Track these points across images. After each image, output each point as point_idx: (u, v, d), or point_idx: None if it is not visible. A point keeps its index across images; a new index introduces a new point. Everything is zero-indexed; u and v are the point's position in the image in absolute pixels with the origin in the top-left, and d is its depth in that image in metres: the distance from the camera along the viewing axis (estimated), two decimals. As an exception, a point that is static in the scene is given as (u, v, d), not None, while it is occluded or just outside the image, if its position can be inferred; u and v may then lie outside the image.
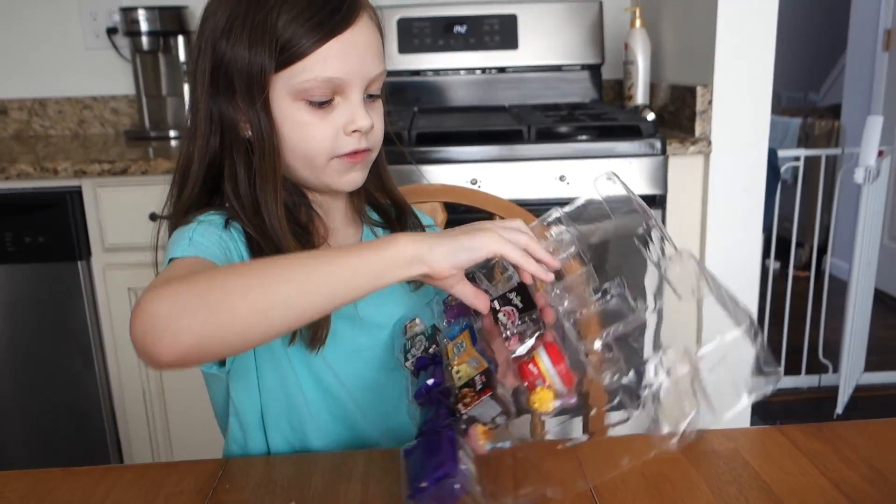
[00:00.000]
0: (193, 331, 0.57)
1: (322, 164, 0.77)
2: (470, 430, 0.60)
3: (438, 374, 0.66)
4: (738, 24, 1.63)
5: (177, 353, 0.57)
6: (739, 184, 1.70)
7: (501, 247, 0.62)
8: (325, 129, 0.76)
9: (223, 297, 0.58)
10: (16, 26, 2.11)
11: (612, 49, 2.12)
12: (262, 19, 0.72)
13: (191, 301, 0.57)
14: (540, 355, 0.62)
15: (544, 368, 0.61)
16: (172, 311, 0.57)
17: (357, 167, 0.79)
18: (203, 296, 0.58)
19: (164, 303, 0.57)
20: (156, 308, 0.57)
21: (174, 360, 0.57)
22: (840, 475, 0.69)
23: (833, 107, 3.98)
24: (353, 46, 0.74)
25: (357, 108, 0.76)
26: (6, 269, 1.68)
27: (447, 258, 0.61)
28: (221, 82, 0.76)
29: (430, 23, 2.03)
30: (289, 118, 0.75)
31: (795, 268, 2.61)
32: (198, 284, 0.59)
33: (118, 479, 0.72)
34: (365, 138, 0.78)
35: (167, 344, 0.56)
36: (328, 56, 0.73)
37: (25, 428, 1.77)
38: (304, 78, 0.74)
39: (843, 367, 2.38)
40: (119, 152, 1.77)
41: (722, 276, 1.86)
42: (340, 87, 0.75)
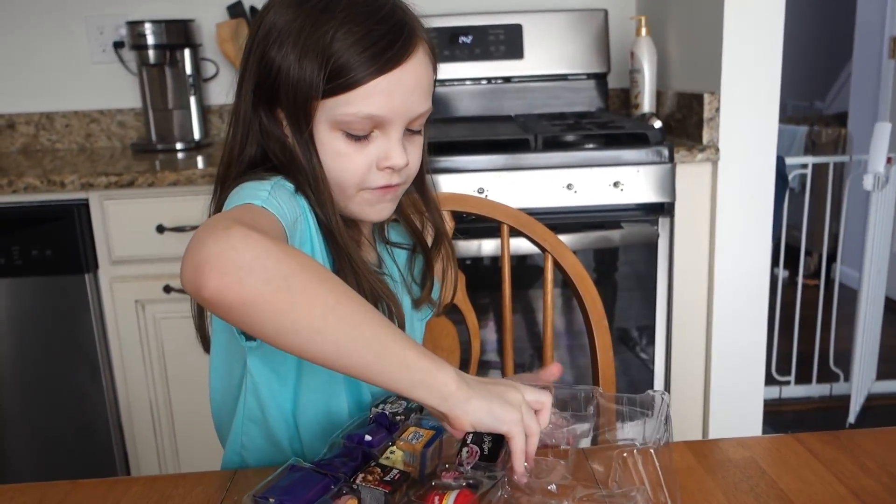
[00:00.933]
0: (254, 294, 0.54)
1: (351, 193, 0.77)
2: (342, 499, 0.60)
3: (378, 441, 0.66)
4: (745, 31, 1.62)
5: (226, 299, 0.55)
6: (748, 191, 1.69)
7: (516, 433, 0.62)
8: (359, 161, 0.75)
9: (300, 294, 0.56)
10: (23, 41, 2.12)
11: (618, 58, 2.12)
12: (316, 40, 0.71)
13: (275, 270, 0.55)
14: (450, 498, 0.60)
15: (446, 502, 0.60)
16: (254, 263, 0.54)
17: (387, 199, 0.78)
18: (287, 276, 0.55)
19: (251, 249, 0.55)
20: (242, 246, 0.55)
21: (218, 301, 0.55)
22: (858, 483, 0.68)
23: (839, 115, 3.98)
24: (401, 86, 0.73)
25: (394, 146, 0.75)
26: (13, 282, 1.68)
27: (470, 416, 0.61)
28: (267, 93, 0.75)
29: (435, 33, 2.00)
30: (325, 144, 0.74)
31: (804, 276, 2.59)
32: (291, 261, 0.56)
33: (126, 490, 0.71)
34: (398, 174, 0.77)
35: (226, 285, 0.54)
36: (374, 93, 0.72)
37: (32, 441, 1.76)
38: (345, 111, 0.72)
39: (854, 376, 2.36)
40: (126, 165, 1.78)
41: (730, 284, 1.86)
42: (381, 123, 0.74)
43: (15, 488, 0.72)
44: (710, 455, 0.75)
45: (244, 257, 0.54)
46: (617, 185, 1.58)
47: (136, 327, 1.69)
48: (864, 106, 3.50)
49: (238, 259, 0.54)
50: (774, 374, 2.49)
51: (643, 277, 1.70)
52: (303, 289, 0.56)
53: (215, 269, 0.54)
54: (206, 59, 2.13)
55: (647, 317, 1.71)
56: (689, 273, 1.73)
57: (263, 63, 0.74)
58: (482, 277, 1.64)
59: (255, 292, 0.54)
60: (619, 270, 1.76)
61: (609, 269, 1.76)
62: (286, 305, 0.55)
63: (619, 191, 1.58)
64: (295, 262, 0.57)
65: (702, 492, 0.68)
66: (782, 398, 2.54)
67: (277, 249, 0.56)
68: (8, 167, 1.86)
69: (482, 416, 0.61)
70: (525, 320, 1.75)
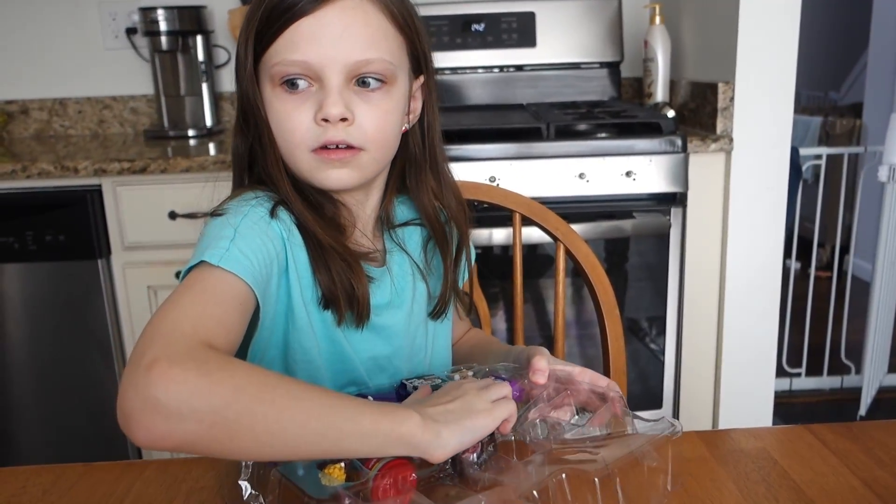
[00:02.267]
0: (190, 436, 0.53)
1: (300, 156, 0.74)
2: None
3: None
4: (761, 20, 1.61)
5: (164, 446, 0.53)
6: (761, 182, 1.68)
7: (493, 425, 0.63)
8: (300, 116, 0.72)
9: (237, 422, 0.54)
10: (36, 27, 2.13)
11: (632, 46, 2.11)
12: (253, 7, 0.72)
13: (205, 407, 0.53)
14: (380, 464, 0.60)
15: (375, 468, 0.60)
16: (181, 409, 0.52)
17: (337, 164, 0.74)
18: (219, 409, 0.53)
19: (175, 394, 0.52)
20: (164, 395, 0.52)
21: (156, 448, 0.54)
22: (871, 475, 0.68)
23: (854, 105, 3.94)
24: (326, 29, 0.70)
25: (328, 95, 0.71)
26: (27, 267, 1.69)
27: (448, 449, 0.60)
28: (236, 70, 0.77)
29: (448, 21, 2.02)
30: (270, 106, 0.73)
31: (817, 268, 2.57)
32: (221, 388, 0.54)
33: (139, 474, 0.72)
34: (343, 131, 0.72)
35: (158, 438, 0.53)
36: (297, 37, 0.70)
37: (45, 425, 1.78)
38: (275, 60, 0.71)
39: (865, 369, 2.35)
40: (138, 151, 1.78)
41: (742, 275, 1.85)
42: (314, 73, 0.71)
43: (29, 470, 0.73)
44: (721, 445, 0.75)
45: (169, 407, 0.52)
46: (629, 175, 1.57)
47: (148, 313, 1.70)
48: (880, 97, 3.47)
49: (164, 410, 0.52)
50: (785, 366, 2.49)
51: (654, 268, 1.69)
52: (237, 416, 0.54)
53: (142, 425, 0.52)
54: (218, 46, 2.13)
55: (658, 307, 1.71)
56: (700, 264, 1.72)
57: (237, 49, 0.76)
58: (494, 266, 1.64)
59: (191, 435, 0.53)
60: (631, 260, 1.75)
61: (620, 259, 1.75)
62: (226, 435, 0.54)
63: (631, 180, 1.58)
64: (226, 387, 0.54)
65: (713, 481, 0.68)
66: (793, 390, 2.53)
67: (203, 381, 0.53)
68: (21, 153, 1.87)
69: (459, 441, 0.61)
70: (536, 309, 1.75)
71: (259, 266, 0.67)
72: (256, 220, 0.70)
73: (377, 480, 0.59)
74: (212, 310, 0.62)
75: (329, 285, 0.74)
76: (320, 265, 0.74)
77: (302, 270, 0.74)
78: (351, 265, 0.74)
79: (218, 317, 0.62)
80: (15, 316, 1.72)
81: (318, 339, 0.77)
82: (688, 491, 0.66)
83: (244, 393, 0.54)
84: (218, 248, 0.65)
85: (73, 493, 0.69)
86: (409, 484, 0.61)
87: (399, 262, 0.83)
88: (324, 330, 0.77)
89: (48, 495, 0.69)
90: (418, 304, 0.84)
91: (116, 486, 0.70)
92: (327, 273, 0.74)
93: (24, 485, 0.71)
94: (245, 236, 0.68)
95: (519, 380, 0.72)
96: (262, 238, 0.69)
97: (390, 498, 0.59)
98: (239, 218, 0.69)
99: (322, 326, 0.77)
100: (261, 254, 0.68)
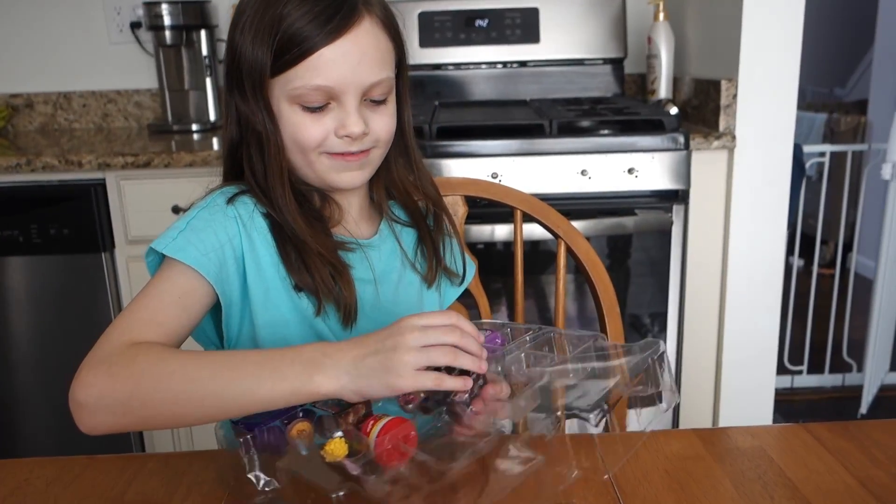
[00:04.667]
0: (111, 423, 0.64)
1: (313, 158, 0.78)
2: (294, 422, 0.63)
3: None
4: (765, 17, 1.60)
5: (98, 433, 0.65)
6: (764, 180, 1.68)
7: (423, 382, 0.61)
8: (318, 129, 0.77)
9: (144, 408, 0.64)
10: (41, 21, 2.13)
11: (635, 43, 2.11)
12: (268, 18, 0.74)
13: (114, 400, 0.63)
14: (378, 425, 0.61)
15: (371, 437, 0.61)
16: (98, 405, 0.63)
17: (353, 166, 0.80)
18: (125, 400, 0.63)
19: (89, 395, 0.63)
20: (82, 398, 0.64)
21: (97, 433, 0.65)
22: (867, 474, 0.68)
23: (859, 102, 3.93)
24: (346, 56, 0.74)
25: (349, 115, 0.76)
26: (31, 260, 1.70)
27: (370, 395, 0.62)
28: (234, 76, 0.78)
29: (451, 16, 2.02)
30: (285, 118, 0.77)
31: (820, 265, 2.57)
32: (127, 381, 0.64)
33: (141, 467, 0.73)
34: (359, 142, 0.78)
35: (89, 428, 0.65)
36: (320, 64, 0.74)
37: (48, 418, 1.79)
38: (296, 84, 0.75)
39: (867, 367, 2.35)
40: (142, 145, 1.79)
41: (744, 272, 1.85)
42: (334, 94, 0.76)
43: (33, 462, 0.74)
44: (718, 443, 0.75)
45: (88, 405, 0.64)
46: (631, 172, 1.57)
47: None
48: (885, 94, 3.45)
49: (84, 408, 0.64)
50: (787, 364, 2.49)
51: (656, 264, 1.69)
52: (142, 404, 0.64)
53: (78, 420, 0.65)
54: (222, 41, 2.13)
55: (659, 304, 1.71)
56: (702, 261, 1.72)
57: (230, 48, 0.78)
58: (495, 263, 1.64)
59: (112, 423, 0.65)
60: (633, 257, 1.75)
61: (622, 255, 1.76)
62: (140, 419, 0.65)
63: (633, 177, 1.58)
64: (127, 382, 0.64)
65: (709, 479, 0.68)
66: (794, 387, 2.53)
67: (107, 381, 0.64)
68: (26, 146, 1.87)
69: (380, 392, 0.62)
70: (537, 306, 1.75)
71: (209, 252, 0.73)
72: (212, 210, 0.77)
73: (379, 448, 0.60)
74: (142, 313, 0.70)
75: (309, 285, 0.76)
76: (301, 267, 0.77)
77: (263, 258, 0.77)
78: (340, 272, 0.78)
79: (147, 318, 0.70)
80: (19, 309, 1.73)
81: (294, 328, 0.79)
82: (684, 488, 0.67)
83: (143, 384, 0.64)
84: (166, 238, 0.74)
85: (77, 485, 0.70)
86: (410, 442, 0.61)
87: (390, 247, 0.86)
88: (300, 320, 0.79)
89: (52, 487, 0.70)
90: (405, 292, 0.86)
91: (119, 478, 0.71)
92: (308, 276, 0.76)
93: (28, 476, 0.72)
94: (196, 227, 0.75)
95: (500, 329, 0.73)
96: (214, 226, 0.75)
97: (395, 463, 0.60)
98: (195, 211, 0.77)
99: (296, 315, 0.78)
100: (209, 241, 0.74)
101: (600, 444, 0.74)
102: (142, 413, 0.64)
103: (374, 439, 0.60)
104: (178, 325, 0.71)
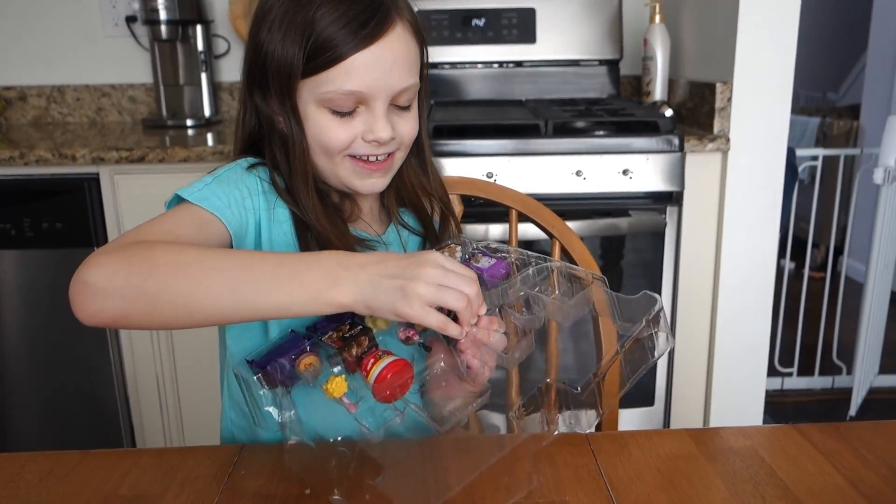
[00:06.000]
0: (119, 309, 0.61)
1: (338, 160, 0.79)
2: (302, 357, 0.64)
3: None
4: (760, 21, 1.61)
5: (101, 321, 0.62)
6: (757, 182, 1.68)
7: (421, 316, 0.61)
8: (346, 133, 0.77)
9: (155, 291, 0.61)
10: (35, 14, 2.12)
11: (631, 44, 2.11)
12: (299, 20, 0.73)
13: (126, 284, 0.61)
14: (378, 366, 0.62)
15: (371, 376, 0.62)
16: (106, 286, 0.61)
17: (377, 174, 0.80)
18: (139, 285, 0.61)
19: (100, 275, 0.61)
20: (91, 278, 0.61)
21: (96, 324, 0.62)
22: (857, 475, 0.69)
23: (852, 107, 3.95)
24: (378, 61, 0.74)
25: (378, 120, 0.76)
26: (24, 254, 1.69)
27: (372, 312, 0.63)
28: (258, 75, 0.78)
29: (448, 16, 2.02)
30: (312, 121, 0.77)
31: (811, 268, 2.58)
32: (141, 267, 0.61)
33: (135, 462, 0.72)
34: (385, 146, 0.79)
35: (93, 313, 0.61)
36: (352, 69, 0.74)
37: (40, 412, 1.78)
38: (327, 89, 0.75)
39: (857, 369, 2.37)
40: (136, 140, 1.78)
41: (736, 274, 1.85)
42: (364, 99, 0.76)
43: (26, 457, 0.74)
44: (710, 443, 0.76)
45: (96, 286, 0.61)
46: (626, 173, 1.58)
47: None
48: (878, 98, 3.47)
49: (91, 289, 0.61)
50: (777, 366, 2.50)
51: (649, 266, 1.70)
52: (156, 290, 0.61)
53: (78, 305, 0.62)
54: (217, 36, 2.13)
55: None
56: (695, 262, 1.73)
57: (254, 45, 0.78)
58: (489, 261, 1.65)
59: (118, 309, 0.61)
60: (626, 258, 1.76)
61: (616, 256, 1.76)
62: (149, 307, 0.61)
63: (628, 178, 1.58)
64: (143, 266, 0.61)
65: (701, 478, 0.69)
66: (784, 389, 2.55)
67: (123, 263, 0.61)
68: (19, 139, 1.86)
69: (386, 314, 0.62)
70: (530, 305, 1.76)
71: (231, 206, 0.74)
72: (237, 171, 0.79)
73: (378, 392, 0.62)
74: (161, 224, 0.70)
75: None
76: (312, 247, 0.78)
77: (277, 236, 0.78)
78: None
79: (167, 228, 0.69)
80: (11, 302, 1.73)
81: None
82: (676, 487, 0.67)
83: (160, 269, 0.61)
84: (192, 188, 0.74)
85: (70, 479, 0.70)
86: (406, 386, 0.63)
87: (396, 250, 0.87)
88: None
89: (45, 481, 0.70)
90: None
91: (113, 473, 0.71)
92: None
93: (21, 471, 0.71)
94: (221, 181, 0.76)
95: (506, 257, 0.74)
96: (238, 184, 0.77)
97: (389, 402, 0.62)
98: (221, 170, 0.79)
99: None
100: (233, 195, 0.75)
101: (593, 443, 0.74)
102: (153, 302, 0.61)
103: (373, 379, 0.62)
104: (194, 241, 0.70)
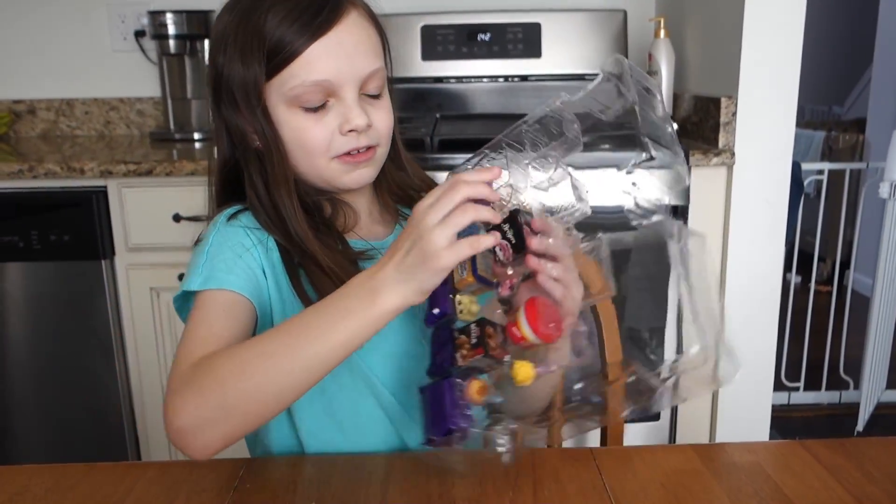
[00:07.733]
0: (219, 436, 0.64)
1: (323, 164, 0.78)
2: (466, 385, 0.64)
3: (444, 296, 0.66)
4: (764, 35, 1.62)
5: (212, 452, 0.65)
6: (762, 196, 1.68)
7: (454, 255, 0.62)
8: (322, 130, 0.77)
9: (237, 403, 0.63)
10: (45, 28, 2.15)
11: (636, 59, 2.12)
12: (250, 30, 0.74)
13: (209, 414, 0.63)
14: (521, 318, 0.64)
15: (526, 332, 0.64)
16: (196, 426, 0.63)
17: (362, 165, 0.80)
18: (219, 406, 0.63)
19: (186, 417, 0.63)
20: (180, 423, 0.63)
21: (211, 455, 0.65)
22: (863, 491, 0.69)
23: (858, 120, 3.95)
24: (339, 47, 0.75)
25: (351, 108, 0.76)
26: (31, 266, 1.70)
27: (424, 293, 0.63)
28: (224, 95, 0.79)
29: (453, 30, 2.04)
30: (286, 124, 0.77)
31: (817, 282, 2.58)
32: (211, 393, 0.64)
33: (140, 475, 0.73)
34: (365, 136, 0.78)
35: (201, 450, 0.64)
36: (313, 59, 0.74)
37: (45, 424, 1.79)
38: (292, 84, 0.75)
39: (864, 384, 2.35)
40: (144, 153, 1.79)
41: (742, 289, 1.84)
42: (332, 90, 0.76)
43: (32, 469, 0.74)
44: (715, 459, 0.76)
45: (190, 427, 0.63)
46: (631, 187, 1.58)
47: (150, 314, 1.71)
48: (884, 112, 3.48)
49: (189, 431, 0.63)
50: (784, 380, 2.49)
51: (655, 280, 1.70)
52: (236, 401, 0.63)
53: (187, 448, 0.64)
54: (225, 51, 2.14)
55: (658, 318, 1.71)
56: (700, 276, 1.72)
57: (214, 67, 0.78)
58: (494, 275, 1.65)
59: (222, 432, 0.64)
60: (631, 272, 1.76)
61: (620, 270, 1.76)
62: (241, 414, 0.64)
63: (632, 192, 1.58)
64: (213, 388, 0.64)
65: (706, 494, 0.69)
66: (791, 404, 2.53)
67: (196, 395, 0.64)
68: (28, 152, 1.88)
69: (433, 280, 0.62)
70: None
71: (233, 269, 0.74)
72: (222, 233, 0.78)
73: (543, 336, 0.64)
74: (198, 334, 0.71)
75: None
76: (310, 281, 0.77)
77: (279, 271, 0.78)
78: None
79: (204, 335, 0.71)
80: (18, 314, 1.73)
81: None
82: (681, 503, 0.67)
83: (228, 382, 0.64)
84: (192, 278, 0.74)
85: (75, 492, 0.70)
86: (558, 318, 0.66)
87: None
88: None
89: (50, 494, 0.70)
90: None
91: (118, 486, 0.71)
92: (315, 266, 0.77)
93: (27, 483, 0.72)
94: (215, 255, 0.76)
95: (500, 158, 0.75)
96: (230, 244, 0.76)
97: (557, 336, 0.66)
98: (206, 243, 0.77)
99: None
100: (230, 260, 0.75)
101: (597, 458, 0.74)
102: (241, 409, 0.64)
103: (531, 332, 0.64)
104: (234, 333, 0.72)
